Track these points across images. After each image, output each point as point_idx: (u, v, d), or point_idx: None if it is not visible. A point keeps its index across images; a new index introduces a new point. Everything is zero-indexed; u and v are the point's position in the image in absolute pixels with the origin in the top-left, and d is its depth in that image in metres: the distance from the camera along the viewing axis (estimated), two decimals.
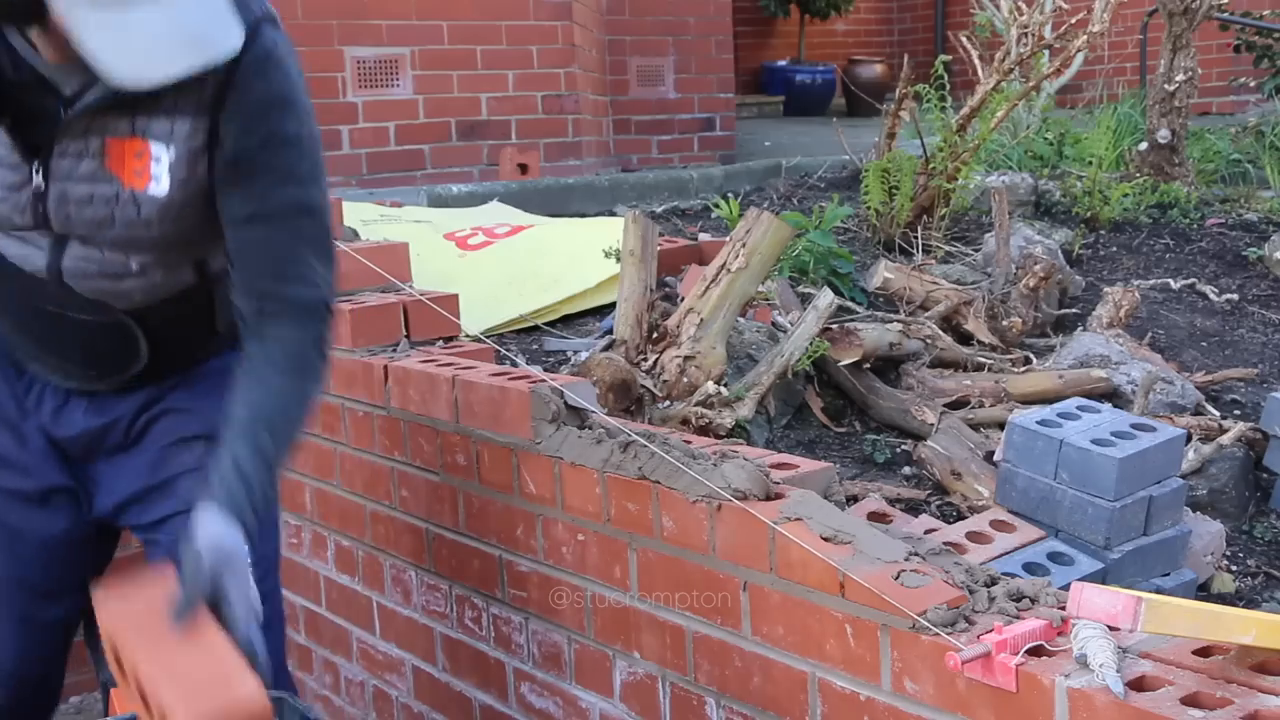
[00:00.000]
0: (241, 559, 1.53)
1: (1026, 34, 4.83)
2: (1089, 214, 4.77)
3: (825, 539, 1.69)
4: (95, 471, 1.92)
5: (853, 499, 2.36)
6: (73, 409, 1.87)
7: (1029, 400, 3.05)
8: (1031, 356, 3.45)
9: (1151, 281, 4.21)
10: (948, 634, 1.49)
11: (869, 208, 4.32)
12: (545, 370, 2.61)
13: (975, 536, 2.24)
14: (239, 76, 1.60)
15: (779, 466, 1.96)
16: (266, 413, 1.66)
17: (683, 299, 2.93)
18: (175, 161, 1.63)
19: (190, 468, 1.86)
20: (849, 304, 3.61)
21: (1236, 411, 3.27)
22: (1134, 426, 2.44)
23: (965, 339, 3.52)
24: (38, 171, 1.63)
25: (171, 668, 1.41)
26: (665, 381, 2.61)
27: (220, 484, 1.58)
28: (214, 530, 1.52)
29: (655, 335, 2.72)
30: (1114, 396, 3.06)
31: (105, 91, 1.56)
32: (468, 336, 2.83)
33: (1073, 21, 4.83)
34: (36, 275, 1.73)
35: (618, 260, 3.02)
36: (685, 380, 2.60)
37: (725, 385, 2.67)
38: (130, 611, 1.53)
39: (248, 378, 1.69)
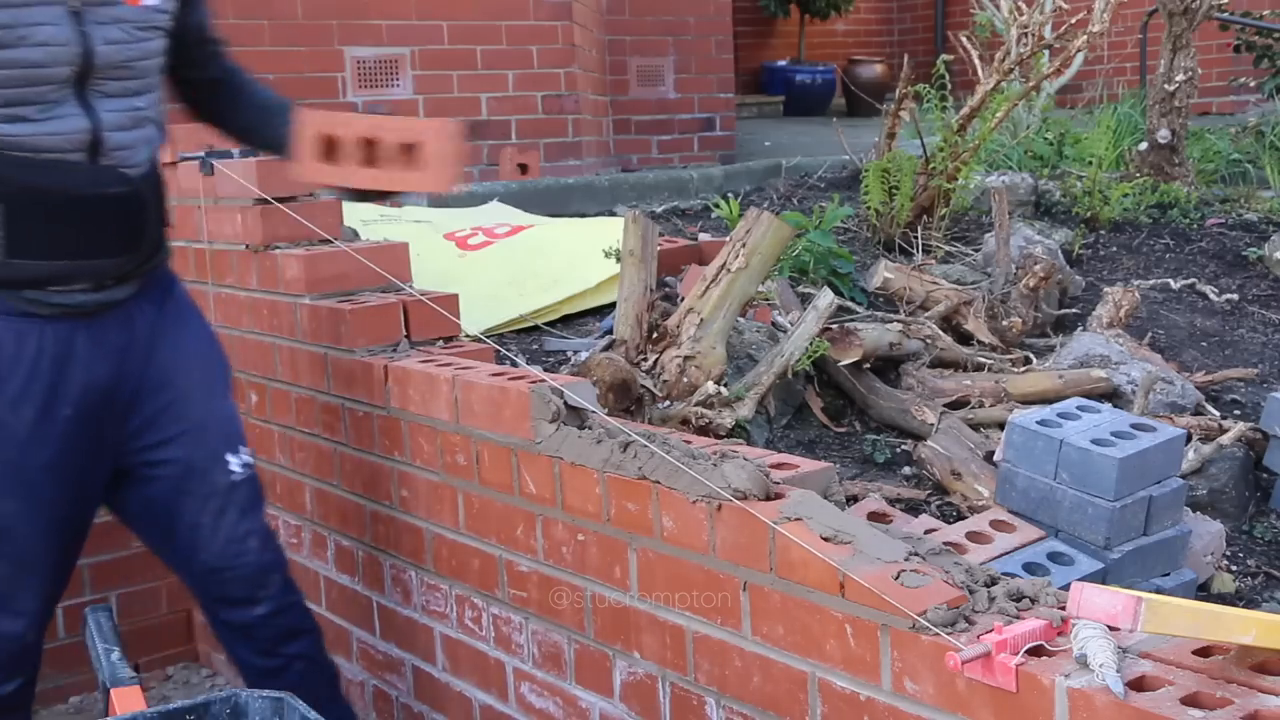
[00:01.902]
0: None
1: (1026, 34, 4.83)
2: (1089, 214, 4.77)
3: (825, 539, 1.69)
4: (111, 415, 2.18)
5: (853, 499, 2.36)
6: (99, 334, 2.15)
7: (1029, 400, 3.05)
8: (1031, 356, 3.45)
9: (1151, 281, 4.22)
10: (948, 634, 1.49)
11: (869, 208, 4.32)
12: (545, 370, 2.61)
13: (975, 536, 2.24)
14: None
15: (779, 466, 1.96)
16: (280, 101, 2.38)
17: (683, 299, 2.93)
18: None
19: (189, 391, 2.25)
20: (849, 304, 3.61)
21: (1236, 411, 3.27)
22: (1134, 426, 2.44)
23: (965, 339, 3.52)
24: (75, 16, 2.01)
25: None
26: (665, 381, 2.61)
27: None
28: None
29: (655, 335, 2.72)
30: (1114, 396, 3.06)
31: None
32: (468, 336, 2.83)
33: (1073, 21, 4.83)
34: (68, 159, 2.04)
35: (618, 260, 3.02)
36: (685, 380, 2.60)
37: (725, 385, 2.67)
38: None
39: (246, 93, 2.40)
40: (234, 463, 2.29)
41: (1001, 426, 2.81)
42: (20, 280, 2.06)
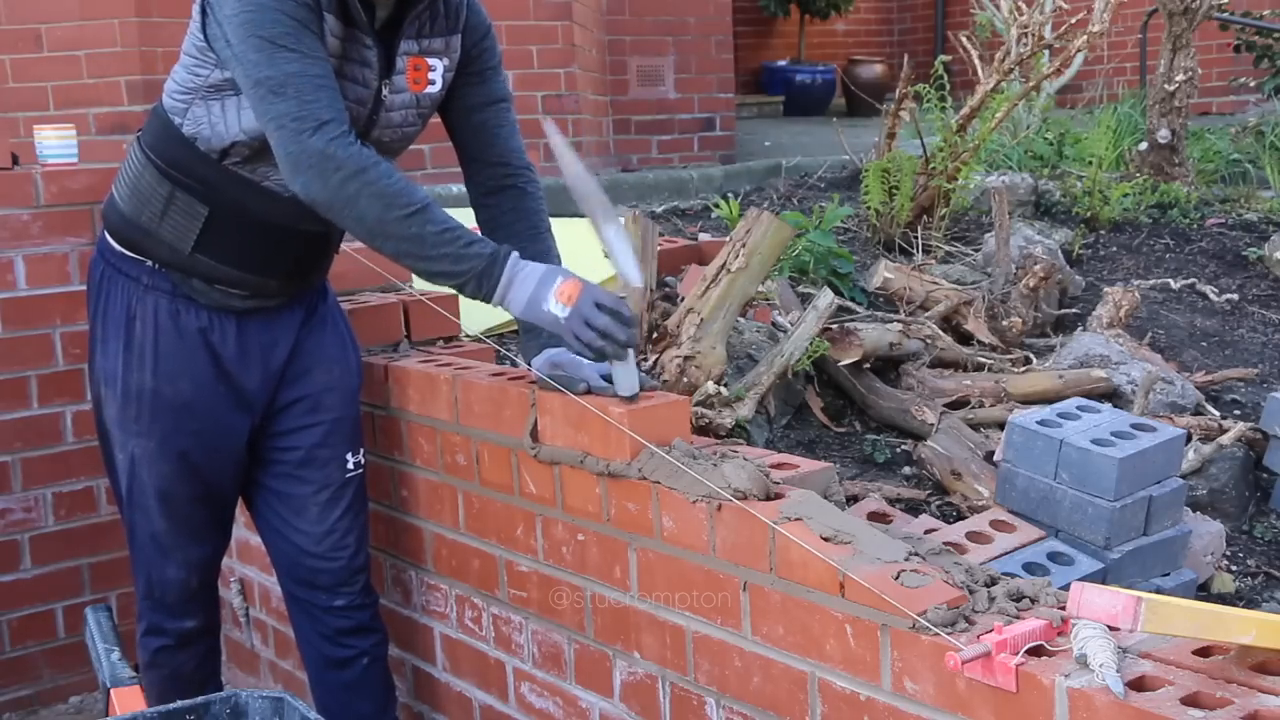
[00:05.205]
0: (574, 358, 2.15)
1: (1026, 34, 4.84)
2: (1089, 214, 4.77)
3: (825, 539, 1.69)
4: (259, 391, 2.32)
5: (853, 499, 2.36)
6: (246, 327, 2.28)
7: (1029, 400, 3.05)
8: (1031, 356, 3.45)
9: (1151, 281, 4.22)
10: (948, 634, 1.49)
11: (869, 208, 4.32)
12: None
13: (975, 536, 2.24)
14: (472, 4, 2.24)
15: (779, 466, 1.96)
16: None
17: (683, 299, 2.93)
18: (445, 70, 2.21)
19: (330, 386, 2.37)
20: (849, 304, 3.61)
21: (1236, 411, 3.27)
22: (1134, 426, 2.44)
23: (965, 339, 3.52)
24: (386, 88, 2.13)
25: None
26: (665, 382, 2.61)
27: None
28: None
29: (655, 335, 2.72)
30: (1114, 396, 3.06)
31: (410, 25, 2.11)
32: (468, 336, 2.83)
33: (1073, 21, 4.83)
34: (282, 194, 2.11)
35: None
36: (685, 380, 2.60)
37: (725, 385, 2.67)
38: None
39: (515, 232, 2.27)
40: (350, 461, 2.41)
41: (1001, 426, 2.81)
42: (193, 270, 2.21)
